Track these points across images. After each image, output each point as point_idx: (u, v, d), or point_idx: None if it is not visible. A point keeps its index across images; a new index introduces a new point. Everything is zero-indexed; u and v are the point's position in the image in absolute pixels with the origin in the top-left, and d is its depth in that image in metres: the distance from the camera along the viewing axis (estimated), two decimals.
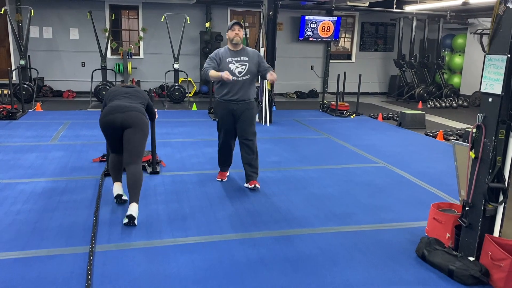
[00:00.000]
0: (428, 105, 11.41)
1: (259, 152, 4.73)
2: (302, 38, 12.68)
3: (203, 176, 5.02)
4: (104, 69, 10.35)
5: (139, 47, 11.86)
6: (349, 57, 13.71)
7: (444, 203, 3.80)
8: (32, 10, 9.51)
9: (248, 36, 11.73)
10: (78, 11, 11.00)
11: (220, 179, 4.89)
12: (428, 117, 9.47)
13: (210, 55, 4.52)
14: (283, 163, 5.71)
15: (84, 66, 11.50)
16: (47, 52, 11.27)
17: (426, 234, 3.64)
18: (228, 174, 5.02)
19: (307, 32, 12.63)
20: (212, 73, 4.29)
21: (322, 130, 7.92)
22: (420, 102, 11.63)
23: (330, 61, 13.26)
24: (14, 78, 10.75)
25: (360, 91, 9.93)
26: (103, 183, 4.63)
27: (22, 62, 9.54)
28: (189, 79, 11.31)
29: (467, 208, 3.10)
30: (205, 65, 4.42)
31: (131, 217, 3.65)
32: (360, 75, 9.74)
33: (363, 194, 4.62)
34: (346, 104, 9.80)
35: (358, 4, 10.94)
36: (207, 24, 11.75)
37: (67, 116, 8.43)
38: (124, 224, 3.66)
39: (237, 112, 4.45)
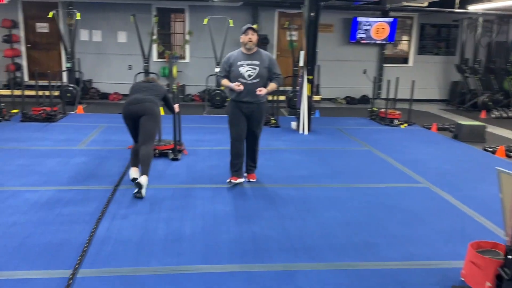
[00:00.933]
0: (493, 115, 10.27)
1: (288, 163, 5.56)
2: (354, 41, 11.97)
3: (217, 191, 4.63)
4: (146, 72, 10.31)
5: (184, 50, 11.75)
6: (405, 61, 12.76)
7: (487, 242, 3.12)
8: (78, 14, 9.66)
9: (296, 39, 11.25)
10: (126, 14, 11.05)
11: (228, 181, 4.77)
12: (491, 129, 8.46)
13: (223, 60, 4.71)
14: (310, 178, 5.18)
15: (131, 69, 11.57)
16: (96, 55, 11.47)
17: (462, 279, 3.00)
18: (242, 180, 4.81)
19: (359, 34, 11.89)
20: (224, 82, 4.65)
21: (365, 141, 7.26)
22: (484, 111, 10.50)
23: (385, 65, 12.42)
24: (64, 80, 11.04)
25: (418, 98, 9.11)
26: (115, 193, 4.39)
27: (68, 65, 9.71)
28: None
29: (509, 257, 2.45)
30: (218, 71, 4.74)
31: (138, 185, 4.31)
32: (413, 81, 8.92)
33: (393, 221, 4.00)
34: (397, 112, 9.02)
35: (416, 4, 10.06)
36: (254, 27, 11.37)
37: (105, 119, 8.42)
38: (134, 194, 4.33)
39: (247, 112, 4.62)
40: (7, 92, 10.42)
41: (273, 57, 4.76)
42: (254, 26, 4.63)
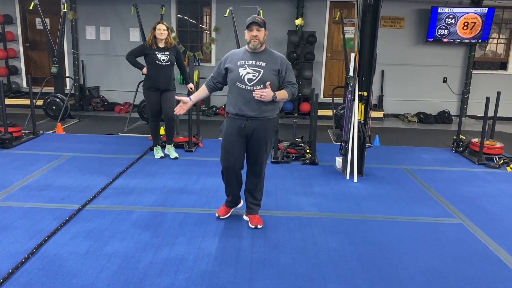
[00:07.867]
0: None
1: (308, 258, 3.17)
2: (431, 39, 8.98)
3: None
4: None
5: (210, 51, 9.40)
6: (503, 66, 9.52)
7: None
8: (65, 4, 7.60)
9: (353, 36, 8.51)
10: (141, 7, 8.93)
11: (218, 215, 3.80)
12: None
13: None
14: None
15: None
16: (104, 57, 9.45)
17: None
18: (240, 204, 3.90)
19: (439, 30, 8.89)
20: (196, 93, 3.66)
21: (452, 201, 4.45)
22: None
23: (474, 71, 9.28)
24: (67, 87, 9.15)
25: None
26: None
27: (54, 70, 7.66)
28: None
29: None
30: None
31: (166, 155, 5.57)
32: None
33: None
34: (498, 145, 6.05)
35: None
36: (298, 21, 8.80)
37: (79, 145, 6.22)
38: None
39: (245, 130, 3.42)
40: None
41: (288, 61, 3.46)
42: (261, 18, 3.34)
